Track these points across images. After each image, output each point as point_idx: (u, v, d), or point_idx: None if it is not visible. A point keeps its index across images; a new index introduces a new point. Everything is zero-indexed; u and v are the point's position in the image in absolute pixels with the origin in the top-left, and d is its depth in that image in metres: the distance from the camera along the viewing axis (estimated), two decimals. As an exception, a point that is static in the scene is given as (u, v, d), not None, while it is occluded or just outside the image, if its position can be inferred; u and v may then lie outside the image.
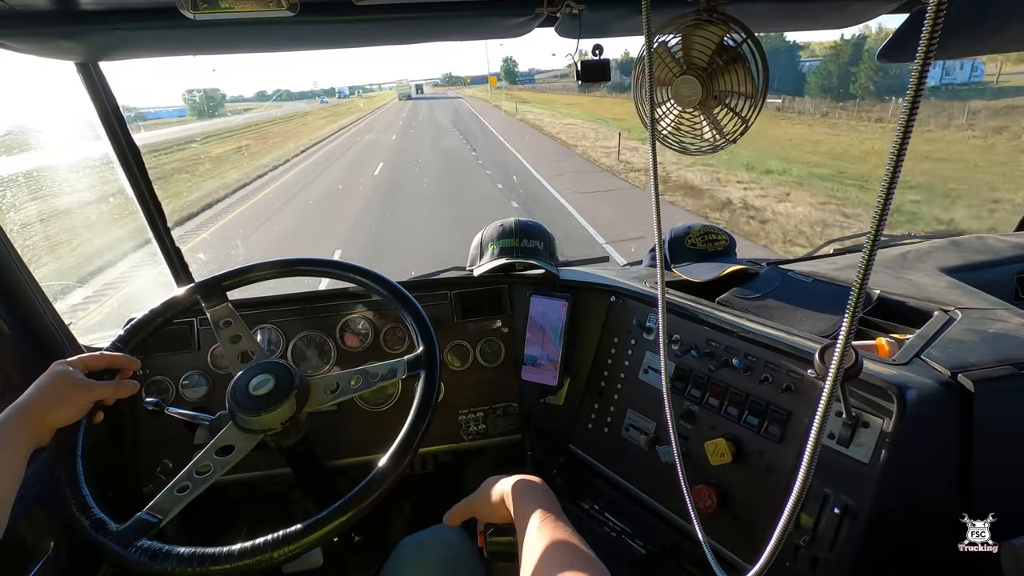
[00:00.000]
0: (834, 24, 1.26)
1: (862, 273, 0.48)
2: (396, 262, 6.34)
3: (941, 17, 0.39)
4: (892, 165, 0.44)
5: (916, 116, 0.43)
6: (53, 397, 0.81)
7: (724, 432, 1.04)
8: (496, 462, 1.55)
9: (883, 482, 0.83)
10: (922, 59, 0.41)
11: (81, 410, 0.84)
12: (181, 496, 0.81)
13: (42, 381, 0.82)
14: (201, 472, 0.85)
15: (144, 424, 1.30)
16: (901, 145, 0.43)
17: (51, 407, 0.80)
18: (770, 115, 23.32)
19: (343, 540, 1.32)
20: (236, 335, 1.04)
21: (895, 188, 0.44)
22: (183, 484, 0.83)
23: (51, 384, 0.82)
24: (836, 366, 0.53)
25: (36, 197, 4.56)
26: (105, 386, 0.86)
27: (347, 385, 0.96)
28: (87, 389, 0.84)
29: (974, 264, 1.41)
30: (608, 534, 1.19)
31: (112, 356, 0.91)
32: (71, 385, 0.82)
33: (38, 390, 0.80)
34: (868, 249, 0.47)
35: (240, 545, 0.74)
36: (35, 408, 0.79)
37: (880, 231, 0.46)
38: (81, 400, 0.83)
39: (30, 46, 0.98)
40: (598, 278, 1.42)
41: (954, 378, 0.87)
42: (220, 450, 0.88)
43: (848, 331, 0.51)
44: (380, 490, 0.79)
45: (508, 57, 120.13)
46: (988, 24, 1.07)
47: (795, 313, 1.17)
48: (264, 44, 1.16)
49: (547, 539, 0.62)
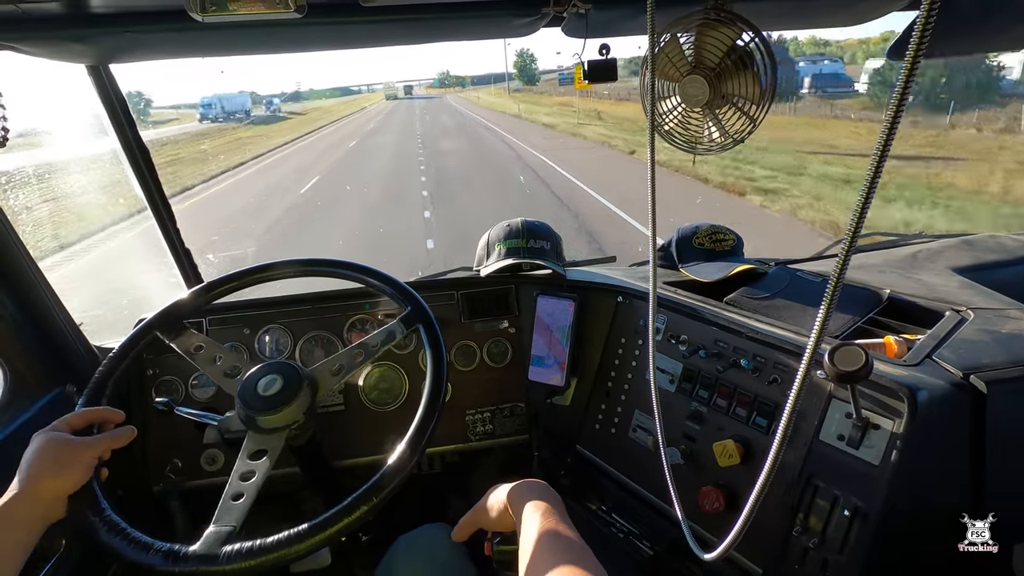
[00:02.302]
0: (843, 22, 1.24)
1: (838, 269, 0.50)
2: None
3: (933, 17, 0.39)
4: (875, 164, 0.45)
5: (902, 115, 0.44)
6: (54, 466, 0.75)
7: (733, 433, 1.03)
8: (503, 463, 1.55)
9: (893, 484, 0.82)
10: (911, 59, 0.41)
11: (87, 470, 0.78)
12: (240, 504, 0.79)
13: (34, 454, 0.75)
14: (246, 478, 0.83)
15: (154, 424, 1.31)
16: (885, 144, 0.44)
17: (55, 476, 0.74)
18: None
19: (351, 540, 1.32)
20: (213, 356, 0.99)
21: (876, 187, 0.46)
22: (237, 492, 0.80)
23: (46, 454, 0.75)
24: (805, 366, 0.55)
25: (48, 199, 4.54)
26: (102, 439, 0.81)
27: (350, 361, 0.96)
28: (86, 447, 0.78)
29: (986, 264, 1.39)
30: (615, 535, 1.18)
31: (93, 412, 0.85)
32: (67, 448, 0.77)
33: (35, 463, 0.74)
34: (847, 243, 0.49)
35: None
36: (39, 482, 0.73)
37: (858, 229, 0.48)
38: (84, 459, 0.77)
39: (41, 49, 0.99)
40: (605, 278, 1.42)
41: (966, 379, 0.86)
42: (252, 455, 0.86)
43: (821, 327, 0.53)
44: (388, 489, 0.79)
45: (524, 50, 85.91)
46: (993, 22, 1.05)
47: (804, 313, 1.16)
48: (272, 46, 1.17)
49: (543, 542, 0.61)
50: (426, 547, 1.00)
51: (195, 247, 1.50)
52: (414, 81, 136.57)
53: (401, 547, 1.01)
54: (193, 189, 14.12)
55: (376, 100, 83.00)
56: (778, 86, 0.93)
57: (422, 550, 0.99)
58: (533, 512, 0.66)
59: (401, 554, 0.99)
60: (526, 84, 77.49)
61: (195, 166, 18.19)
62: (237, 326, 1.38)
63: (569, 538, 0.61)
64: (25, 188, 2.35)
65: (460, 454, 1.48)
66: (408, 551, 0.99)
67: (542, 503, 0.68)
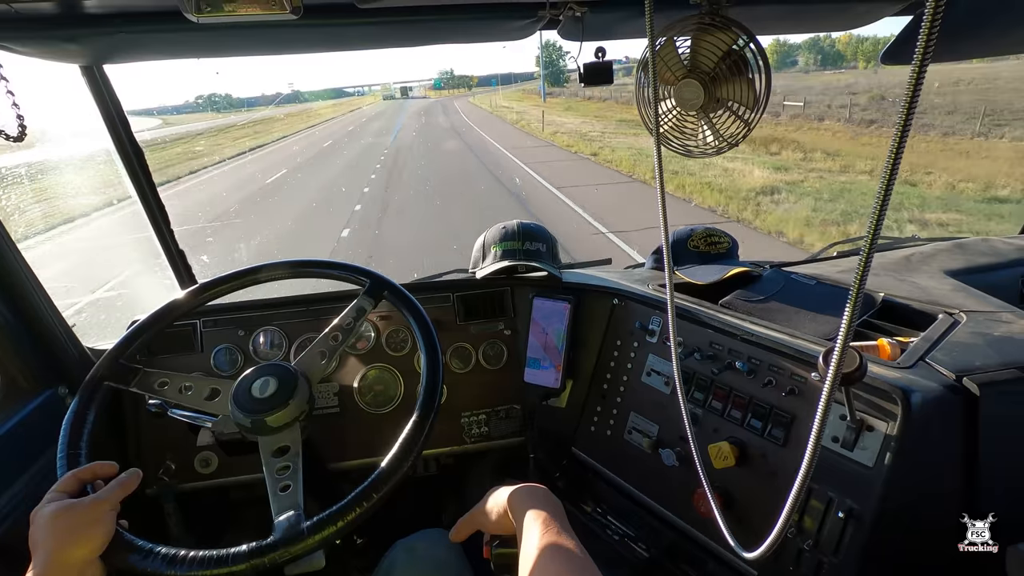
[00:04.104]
0: (838, 27, 1.25)
1: (859, 277, 0.48)
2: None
3: (939, 20, 0.39)
4: (889, 168, 0.45)
5: (912, 119, 0.43)
6: (71, 535, 0.68)
7: (728, 435, 1.04)
8: (498, 465, 1.55)
9: (888, 486, 0.83)
10: (918, 61, 0.41)
11: (108, 526, 0.71)
12: (287, 494, 0.80)
13: (46, 531, 0.68)
14: (282, 472, 0.82)
15: (147, 425, 1.30)
16: (898, 148, 0.43)
17: (76, 545, 0.68)
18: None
19: (346, 542, 1.31)
20: (182, 386, 0.94)
21: (891, 192, 0.45)
22: (283, 485, 0.80)
23: (58, 526, 0.68)
24: (834, 371, 0.53)
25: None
26: (111, 490, 0.74)
27: (331, 344, 0.97)
28: (96, 503, 0.72)
29: (979, 267, 1.40)
30: (611, 537, 1.18)
31: (84, 472, 0.77)
32: (77, 513, 0.70)
33: (50, 540, 0.67)
34: (865, 252, 0.48)
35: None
36: (63, 556, 0.67)
37: (877, 235, 0.47)
38: (99, 517, 0.71)
39: (34, 49, 0.98)
40: (601, 280, 1.42)
41: (959, 381, 0.86)
42: (275, 453, 0.85)
43: (846, 336, 0.51)
44: (383, 492, 0.79)
45: (550, 42, 68.38)
46: (992, 27, 1.06)
47: (799, 316, 1.16)
48: (267, 47, 1.16)
49: (544, 549, 0.60)
50: (423, 552, 0.99)
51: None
52: (414, 82, 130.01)
53: (398, 552, 1.00)
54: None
55: (360, 104, 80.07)
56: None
57: (419, 556, 0.99)
58: (535, 520, 0.65)
59: (399, 560, 0.99)
60: (554, 85, 65.59)
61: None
62: (231, 328, 1.37)
63: (572, 551, 0.60)
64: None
65: (456, 456, 1.48)
66: (405, 556, 0.99)
67: (544, 511, 0.67)
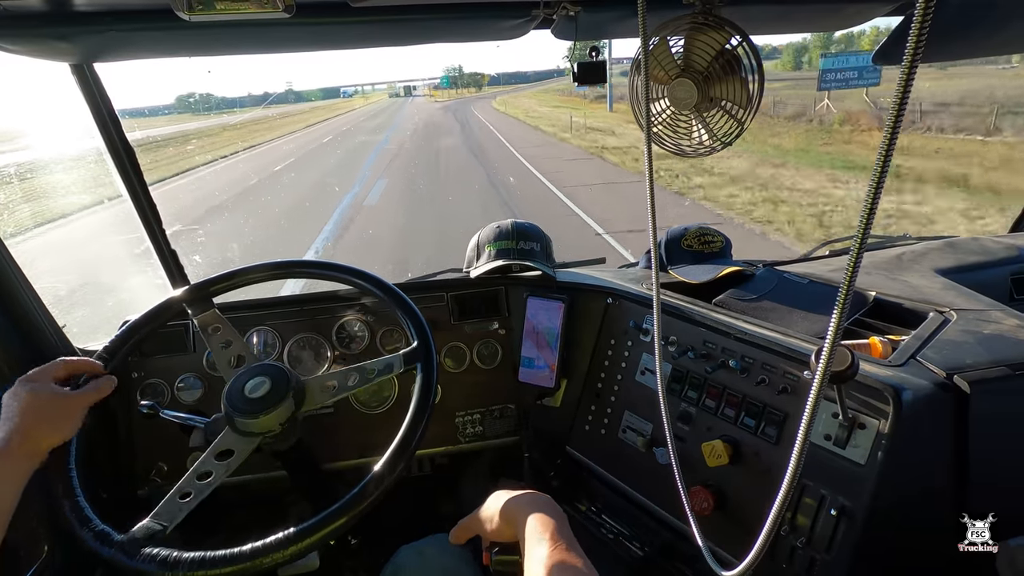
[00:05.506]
0: (831, 26, 1.26)
1: (849, 276, 0.49)
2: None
3: (928, 20, 0.39)
4: (879, 168, 0.45)
5: (903, 118, 0.43)
6: (49, 421, 0.73)
7: (721, 434, 1.04)
8: (493, 464, 1.55)
9: (880, 483, 0.83)
10: (908, 61, 0.41)
11: (76, 424, 0.77)
12: (185, 503, 0.79)
13: (28, 408, 0.73)
14: (202, 478, 0.83)
15: (139, 427, 1.29)
16: (888, 147, 0.44)
17: (52, 432, 0.74)
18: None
19: (340, 543, 1.31)
20: (227, 340, 1.03)
21: (881, 191, 0.45)
22: (185, 490, 0.80)
23: (40, 408, 0.73)
24: (823, 369, 0.53)
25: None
26: (87, 391, 0.79)
27: (344, 383, 0.94)
28: (75, 399, 0.77)
29: (969, 265, 1.41)
30: (605, 536, 1.19)
31: (77, 363, 0.83)
32: (61, 403, 0.75)
33: (29, 417, 0.72)
34: (855, 252, 0.48)
35: (250, 546, 0.72)
36: (36, 436, 0.72)
37: (866, 235, 0.47)
38: (73, 411, 0.76)
39: (24, 47, 0.97)
40: (595, 280, 1.42)
41: (950, 379, 0.87)
42: (219, 455, 0.86)
43: (835, 334, 0.51)
44: (377, 493, 0.79)
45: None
46: (981, 27, 1.07)
47: (791, 314, 1.17)
48: (260, 45, 1.16)
49: (552, 568, 0.58)
50: (432, 558, 0.98)
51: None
52: (418, 80, 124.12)
53: (406, 557, 1.00)
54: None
55: (353, 106, 78.50)
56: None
57: (429, 561, 0.98)
58: (541, 533, 0.63)
59: (407, 564, 0.98)
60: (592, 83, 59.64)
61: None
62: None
63: (581, 570, 0.58)
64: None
65: (450, 456, 1.47)
66: (414, 560, 0.98)
67: (550, 523, 0.64)
